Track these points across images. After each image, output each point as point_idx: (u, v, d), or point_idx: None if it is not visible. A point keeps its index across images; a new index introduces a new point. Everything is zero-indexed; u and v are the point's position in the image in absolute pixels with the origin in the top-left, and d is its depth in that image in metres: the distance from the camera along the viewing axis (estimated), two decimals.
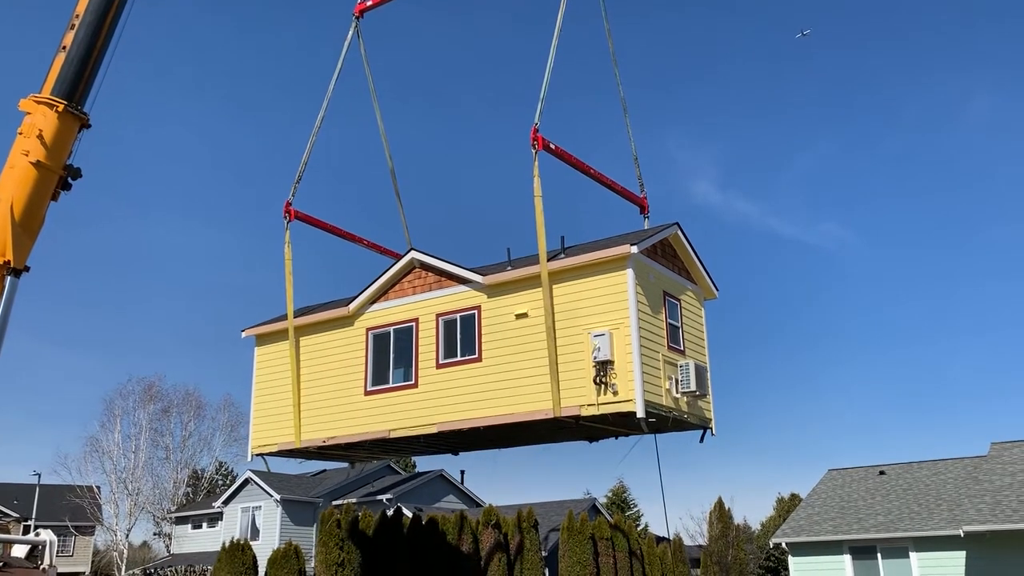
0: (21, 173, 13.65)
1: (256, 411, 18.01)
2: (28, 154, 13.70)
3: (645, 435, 15.01)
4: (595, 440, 16.29)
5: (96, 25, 14.51)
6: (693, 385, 14.35)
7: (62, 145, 14.10)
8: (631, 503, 57.06)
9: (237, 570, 27.73)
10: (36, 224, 13.91)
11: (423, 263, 16.26)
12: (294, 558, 27.38)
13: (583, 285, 14.07)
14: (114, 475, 54.07)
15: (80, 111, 14.37)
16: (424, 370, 15.68)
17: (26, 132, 13.88)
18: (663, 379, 14.04)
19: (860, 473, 32.96)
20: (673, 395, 14.24)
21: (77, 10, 14.60)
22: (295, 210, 17.73)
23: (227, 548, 28.42)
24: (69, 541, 57.74)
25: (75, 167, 14.37)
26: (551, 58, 14.35)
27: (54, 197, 14.18)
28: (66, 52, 14.35)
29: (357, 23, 18.72)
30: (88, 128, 14.58)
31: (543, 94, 14.12)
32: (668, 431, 15.38)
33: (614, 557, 31.21)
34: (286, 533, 42.38)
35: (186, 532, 51.34)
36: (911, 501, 28.70)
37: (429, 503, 44.14)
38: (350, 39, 18.53)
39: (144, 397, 56.95)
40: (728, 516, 38.40)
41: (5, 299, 13.15)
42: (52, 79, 14.23)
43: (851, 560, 27.45)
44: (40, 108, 13.98)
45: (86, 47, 14.41)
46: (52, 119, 13.93)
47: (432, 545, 26.93)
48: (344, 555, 26.52)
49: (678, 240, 15.62)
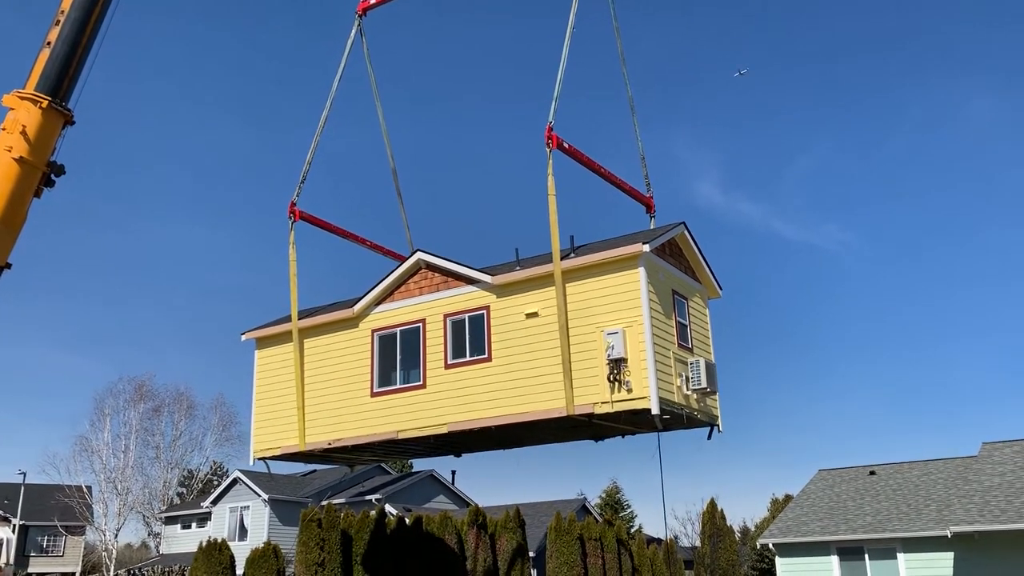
0: (3, 169, 13.58)
1: (257, 415, 17.88)
2: (11, 150, 13.63)
3: (665, 431, 15.12)
4: (600, 439, 16.35)
5: (81, 21, 14.45)
6: (704, 382, 14.55)
7: (46, 142, 14.03)
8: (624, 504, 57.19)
9: (214, 570, 27.50)
10: (18, 221, 13.82)
11: (429, 264, 16.25)
12: (273, 558, 27.19)
13: (595, 284, 14.16)
14: (103, 475, 53.78)
15: (64, 107, 14.30)
16: (432, 370, 15.66)
17: (9, 128, 13.80)
18: (674, 376, 14.18)
19: (851, 473, 33.05)
20: (684, 392, 14.39)
21: (62, 6, 14.54)
22: (299, 211, 17.66)
23: (204, 548, 28.17)
24: (59, 541, 57.20)
25: (59, 164, 14.32)
26: (563, 59, 14.40)
27: (37, 194, 14.12)
28: (51, 48, 14.28)
29: (360, 22, 18.63)
30: (72, 124, 14.52)
31: (556, 93, 14.16)
32: (677, 428, 15.45)
33: (603, 558, 31.29)
34: (274, 533, 42.23)
35: (175, 532, 51.02)
36: (900, 502, 28.79)
37: (419, 503, 44.12)
38: (352, 38, 18.43)
39: (135, 396, 56.70)
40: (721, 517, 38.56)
41: None
42: (36, 75, 14.15)
43: (839, 561, 27.44)
44: (24, 104, 13.89)
45: (71, 43, 14.35)
46: (36, 115, 13.84)
47: (416, 545, 26.85)
48: (324, 555, 26.38)
49: (685, 240, 15.78)
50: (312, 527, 26.63)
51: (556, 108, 14.06)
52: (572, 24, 14.70)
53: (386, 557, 26.20)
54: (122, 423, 55.68)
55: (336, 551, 26.60)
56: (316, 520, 26.85)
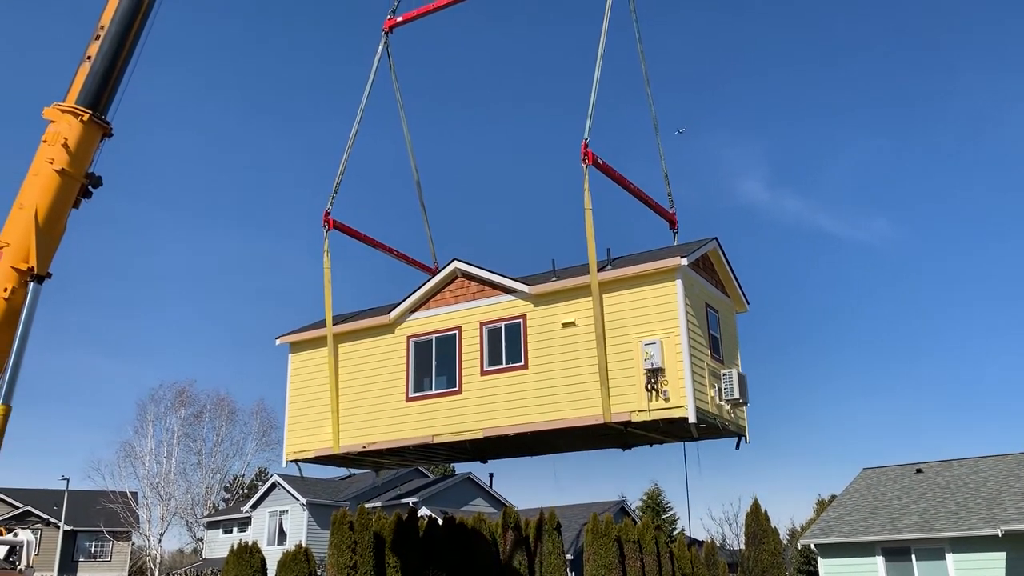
0: (45, 180, 13.87)
1: (291, 418, 18.26)
2: (53, 162, 13.92)
3: (696, 440, 15.57)
4: (629, 447, 16.77)
5: (121, 36, 14.75)
6: (736, 393, 14.93)
7: (85, 153, 14.33)
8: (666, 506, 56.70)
9: (245, 573, 27.74)
10: (58, 231, 14.13)
11: (466, 273, 16.54)
12: (304, 561, 27.34)
13: (632, 295, 14.56)
14: (147, 480, 54.48)
15: (104, 120, 14.59)
16: (468, 377, 15.95)
17: (50, 140, 14.10)
18: (708, 387, 14.57)
19: (896, 471, 32.19)
20: (717, 403, 14.78)
21: (102, 21, 14.83)
22: (333, 220, 18.00)
23: (235, 551, 28.46)
24: (106, 547, 58.08)
25: (96, 175, 14.62)
26: (596, 79, 14.72)
27: (75, 205, 14.41)
28: (91, 62, 14.58)
29: (387, 39, 18.97)
30: (111, 137, 14.80)
31: (590, 111, 14.51)
32: (708, 438, 15.83)
33: (642, 560, 30.96)
34: (312, 537, 42.53)
35: (217, 537, 51.62)
36: (949, 500, 27.93)
37: (457, 506, 44.18)
38: (380, 55, 18.77)
39: (176, 402, 57.24)
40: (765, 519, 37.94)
41: (28, 305, 13.36)
42: (77, 88, 14.45)
43: (884, 562, 26.71)
44: (65, 117, 14.20)
45: (110, 58, 14.64)
46: (77, 128, 14.15)
47: (449, 547, 26.80)
48: (357, 558, 26.36)
49: (716, 255, 16.30)
50: (344, 530, 26.69)
51: (591, 126, 14.43)
52: (603, 45, 14.95)
53: (418, 559, 26.17)
54: (164, 429, 56.38)
55: (369, 554, 26.54)
56: (348, 523, 26.92)
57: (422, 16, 18.63)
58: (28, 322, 13.32)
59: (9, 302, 13.25)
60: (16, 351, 13.13)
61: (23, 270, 13.47)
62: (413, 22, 18.90)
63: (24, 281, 13.46)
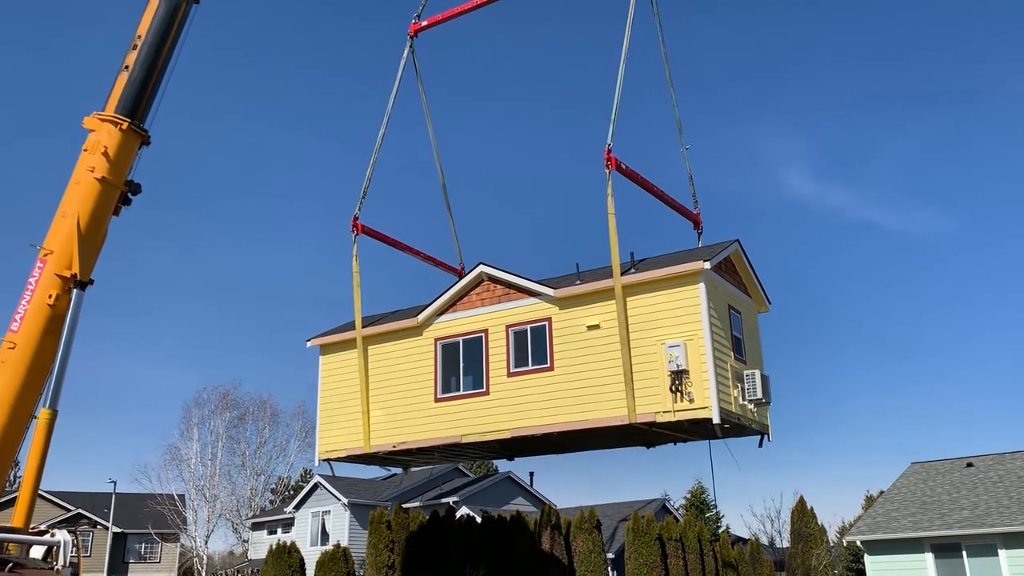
0: (86, 189, 14.14)
1: (322, 418, 18.65)
2: (93, 170, 14.19)
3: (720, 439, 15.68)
4: (652, 446, 17.00)
5: (157, 46, 15.04)
6: (760, 393, 15.06)
7: (124, 162, 14.60)
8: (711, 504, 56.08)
9: (283, 572, 27.97)
10: (100, 238, 14.41)
11: (492, 276, 16.77)
12: (342, 560, 27.46)
13: (656, 298, 14.70)
14: (192, 483, 55.30)
15: (142, 129, 14.87)
16: (495, 378, 16.19)
17: (91, 149, 14.38)
18: (731, 388, 14.66)
19: (946, 466, 31.18)
20: (740, 403, 14.89)
21: (139, 31, 15.14)
22: (361, 224, 18.23)
23: (273, 551, 28.74)
24: (155, 548, 59.35)
25: (135, 183, 14.90)
26: (619, 84, 14.76)
27: (115, 212, 14.69)
28: (129, 72, 14.86)
29: (411, 43, 19.11)
30: (148, 145, 15.07)
31: (613, 116, 14.61)
32: (731, 436, 15.93)
33: (684, 559, 30.60)
34: (354, 537, 42.83)
35: (262, 538, 52.29)
36: (1001, 495, 27.02)
37: (497, 506, 44.17)
38: (405, 59, 18.94)
39: (220, 405, 58.04)
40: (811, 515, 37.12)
41: (71, 312, 13.60)
42: (115, 97, 14.74)
43: (933, 559, 25.93)
44: (104, 126, 14.48)
45: (148, 67, 14.93)
46: (116, 136, 14.42)
47: (487, 546, 26.73)
48: (395, 557, 26.41)
49: (738, 256, 16.39)
50: (382, 529, 26.82)
51: (614, 131, 14.54)
52: (626, 51, 14.97)
53: (456, 558, 26.19)
54: (209, 432, 57.26)
55: (406, 553, 26.54)
56: (386, 522, 27.05)
57: (446, 20, 18.75)
58: (72, 328, 13.60)
59: (54, 308, 13.53)
60: (60, 357, 13.42)
61: (66, 277, 13.74)
62: (438, 26, 18.97)
63: (67, 288, 13.73)
